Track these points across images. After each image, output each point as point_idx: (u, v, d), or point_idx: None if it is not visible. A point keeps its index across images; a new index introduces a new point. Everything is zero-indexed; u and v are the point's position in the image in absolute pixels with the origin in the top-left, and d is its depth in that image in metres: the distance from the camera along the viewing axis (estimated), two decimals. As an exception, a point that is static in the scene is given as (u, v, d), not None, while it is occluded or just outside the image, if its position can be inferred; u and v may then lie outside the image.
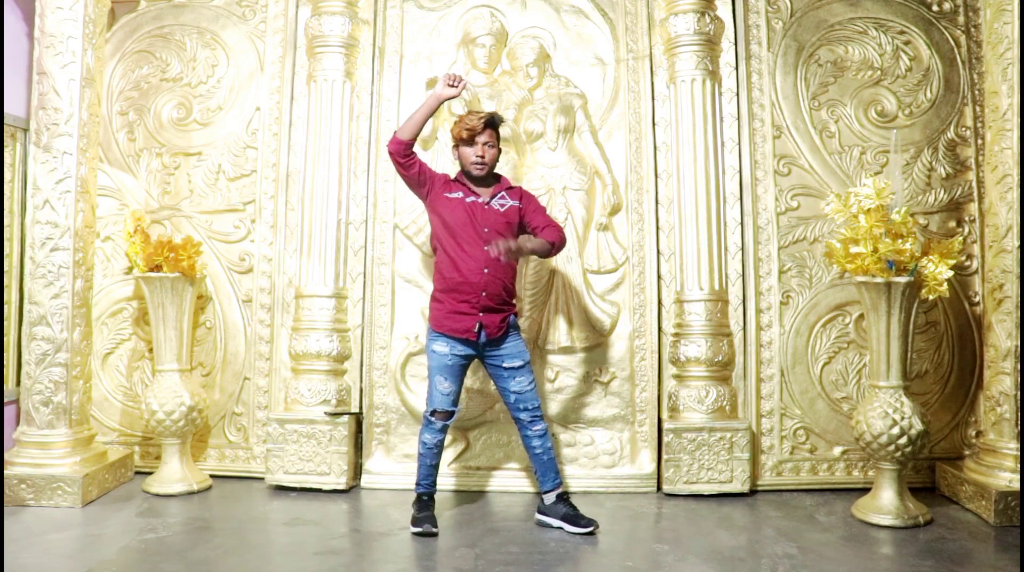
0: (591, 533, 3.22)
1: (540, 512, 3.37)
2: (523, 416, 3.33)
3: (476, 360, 3.39)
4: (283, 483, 3.86)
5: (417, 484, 3.36)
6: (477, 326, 3.25)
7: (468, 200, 3.30)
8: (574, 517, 3.27)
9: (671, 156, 4.03)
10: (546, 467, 3.35)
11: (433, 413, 3.31)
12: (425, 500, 3.34)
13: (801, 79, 4.08)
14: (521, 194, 3.43)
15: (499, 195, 3.35)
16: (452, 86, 3.23)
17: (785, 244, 4.02)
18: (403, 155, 3.24)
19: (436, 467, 3.38)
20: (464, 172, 3.37)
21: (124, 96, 4.26)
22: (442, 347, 3.29)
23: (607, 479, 3.92)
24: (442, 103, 3.31)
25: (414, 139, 3.26)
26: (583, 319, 4.02)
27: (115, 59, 4.25)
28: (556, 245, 3.31)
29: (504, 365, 3.32)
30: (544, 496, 3.37)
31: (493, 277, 3.27)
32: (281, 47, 4.21)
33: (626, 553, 3.04)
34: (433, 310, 3.36)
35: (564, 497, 3.35)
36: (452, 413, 3.33)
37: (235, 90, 4.23)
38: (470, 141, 3.29)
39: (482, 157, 3.29)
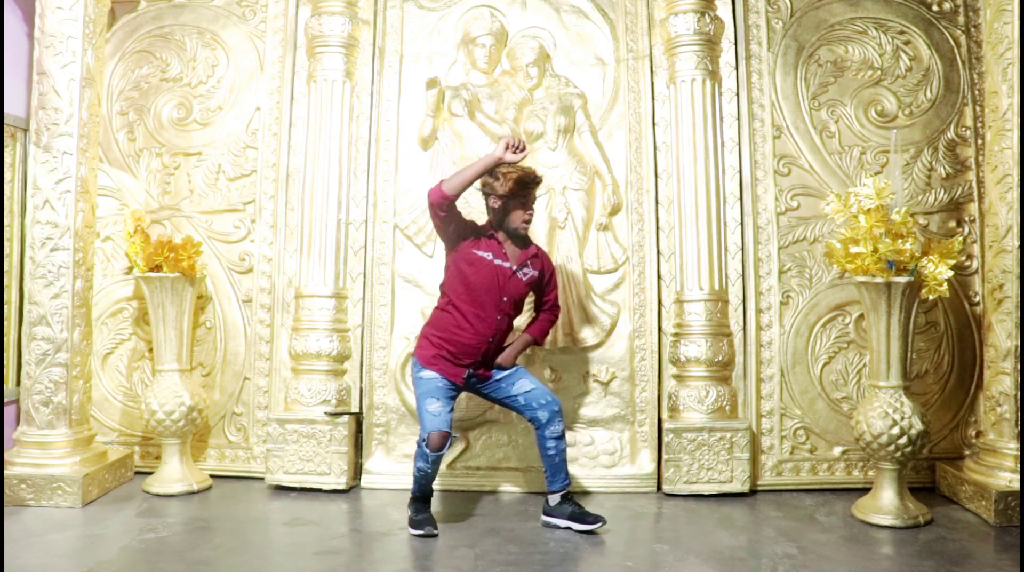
0: (598, 530, 3.21)
1: (546, 513, 3.35)
2: (541, 414, 3.26)
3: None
4: (283, 483, 3.86)
5: (413, 492, 3.29)
6: (467, 374, 3.26)
7: (496, 263, 3.23)
8: (580, 515, 3.26)
9: (671, 156, 4.03)
10: (557, 468, 3.31)
11: (426, 440, 3.13)
12: (421, 502, 3.29)
13: (801, 79, 4.08)
14: (543, 263, 3.39)
15: (525, 264, 3.30)
16: (514, 152, 3.10)
17: (785, 244, 4.02)
18: (444, 209, 3.16)
19: (432, 482, 3.29)
20: (504, 229, 3.27)
21: (124, 96, 4.26)
22: (430, 374, 3.23)
23: (607, 479, 3.92)
24: (497, 165, 3.14)
25: (458, 196, 3.16)
26: (583, 319, 4.02)
27: (115, 59, 4.25)
28: (540, 341, 3.46)
29: (496, 378, 3.32)
30: (549, 497, 3.35)
31: (495, 344, 3.30)
32: (281, 47, 4.21)
33: (626, 553, 3.04)
34: (423, 346, 3.28)
35: (569, 497, 3.32)
36: (446, 437, 3.15)
37: (235, 90, 4.23)
38: (524, 203, 3.24)
39: (530, 220, 3.28)
